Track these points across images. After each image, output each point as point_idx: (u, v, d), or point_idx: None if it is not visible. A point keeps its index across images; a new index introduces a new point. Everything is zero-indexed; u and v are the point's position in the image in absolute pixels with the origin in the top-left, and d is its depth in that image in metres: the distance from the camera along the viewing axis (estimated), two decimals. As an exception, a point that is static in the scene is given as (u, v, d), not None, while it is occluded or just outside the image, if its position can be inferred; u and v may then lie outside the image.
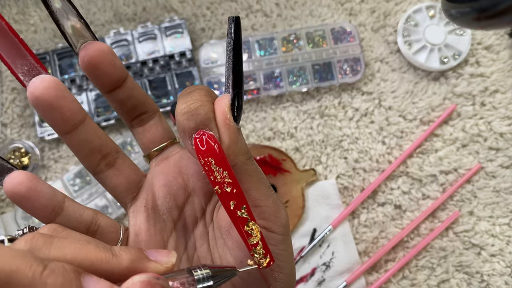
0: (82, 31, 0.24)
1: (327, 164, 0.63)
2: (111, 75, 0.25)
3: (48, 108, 0.23)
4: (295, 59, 0.64)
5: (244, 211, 0.23)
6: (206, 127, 0.23)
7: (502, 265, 0.61)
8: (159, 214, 0.28)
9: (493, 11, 0.33)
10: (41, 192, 0.23)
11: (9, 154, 0.61)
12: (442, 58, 0.64)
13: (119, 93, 0.26)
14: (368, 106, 0.64)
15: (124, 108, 0.27)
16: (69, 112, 0.24)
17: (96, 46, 0.24)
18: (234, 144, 0.23)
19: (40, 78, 0.23)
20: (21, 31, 0.65)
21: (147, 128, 0.28)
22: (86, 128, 0.25)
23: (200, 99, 0.23)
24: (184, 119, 0.23)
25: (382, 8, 0.66)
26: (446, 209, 0.62)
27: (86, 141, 0.25)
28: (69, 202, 0.25)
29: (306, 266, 0.61)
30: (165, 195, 0.28)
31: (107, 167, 0.27)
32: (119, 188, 0.27)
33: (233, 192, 0.23)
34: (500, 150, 0.63)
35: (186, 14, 0.65)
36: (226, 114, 0.23)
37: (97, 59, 0.24)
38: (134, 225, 0.27)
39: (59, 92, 0.23)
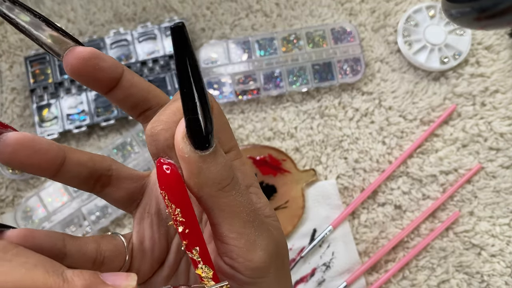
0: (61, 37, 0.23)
1: (327, 164, 0.63)
2: (99, 79, 0.24)
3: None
4: (295, 59, 0.64)
5: (196, 253, 0.21)
6: (166, 155, 0.21)
7: (503, 265, 0.61)
8: (162, 218, 0.27)
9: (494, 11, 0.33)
10: (40, 246, 0.22)
11: (9, 154, 0.61)
12: (442, 58, 0.64)
13: (115, 94, 0.25)
14: (368, 106, 0.64)
15: (125, 107, 0.26)
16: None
17: (75, 54, 0.23)
18: (194, 176, 0.20)
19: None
20: (21, 31, 0.65)
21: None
22: (68, 167, 0.23)
23: (167, 119, 0.21)
24: (148, 142, 0.21)
25: (382, 8, 0.66)
26: (446, 209, 0.62)
27: (74, 176, 0.24)
28: (70, 244, 0.23)
29: (306, 266, 0.61)
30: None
31: (102, 188, 0.26)
32: (121, 201, 0.27)
33: (185, 232, 0.21)
34: (501, 150, 0.63)
35: (186, 14, 0.65)
36: (179, 144, 0.20)
37: (78, 67, 0.23)
38: (138, 232, 0.27)
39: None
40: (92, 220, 0.60)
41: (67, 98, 0.62)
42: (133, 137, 0.61)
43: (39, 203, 0.60)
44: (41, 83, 0.62)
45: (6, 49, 0.64)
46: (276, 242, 0.24)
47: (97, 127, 0.63)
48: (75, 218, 0.60)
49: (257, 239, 0.23)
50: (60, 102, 0.62)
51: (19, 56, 0.64)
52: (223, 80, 0.63)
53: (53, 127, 0.62)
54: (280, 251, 0.24)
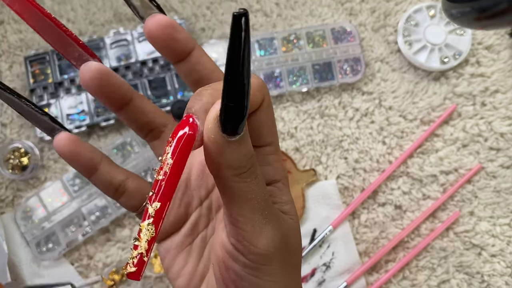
0: (148, 3, 0.25)
1: (327, 164, 0.63)
2: (171, 48, 0.26)
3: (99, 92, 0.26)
4: (295, 59, 0.64)
5: (153, 208, 0.20)
6: (198, 116, 0.21)
7: (503, 265, 0.61)
8: (189, 188, 0.29)
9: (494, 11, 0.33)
10: (80, 155, 0.26)
11: (9, 154, 0.61)
12: (443, 58, 0.64)
13: (183, 66, 0.27)
14: (368, 106, 0.64)
15: (189, 80, 0.27)
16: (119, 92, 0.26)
17: (156, 20, 0.25)
18: (215, 156, 0.21)
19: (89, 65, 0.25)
20: (21, 31, 0.65)
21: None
22: (132, 108, 0.27)
23: (215, 87, 0.22)
24: (193, 95, 0.22)
25: (383, 8, 0.66)
26: (447, 209, 0.62)
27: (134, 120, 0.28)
28: (104, 165, 0.27)
29: (306, 266, 0.61)
30: (199, 172, 0.29)
31: (153, 139, 0.29)
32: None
33: (161, 184, 0.20)
34: (501, 150, 0.63)
35: (186, 14, 0.65)
36: (209, 123, 0.20)
37: (156, 32, 0.25)
38: None
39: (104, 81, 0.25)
40: (92, 220, 0.60)
41: (67, 98, 0.62)
42: (133, 137, 0.61)
43: (39, 203, 0.60)
44: (41, 83, 0.62)
45: (6, 49, 0.64)
46: (285, 236, 0.24)
47: (97, 127, 0.63)
48: (75, 218, 0.60)
49: (264, 228, 0.23)
50: (60, 102, 0.62)
51: (19, 56, 0.64)
52: (223, 80, 0.63)
53: (53, 127, 0.61)
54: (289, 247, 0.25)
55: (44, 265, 0.60)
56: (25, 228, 0.59)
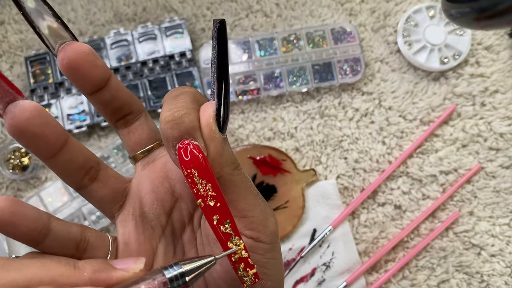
0: (59, 31, 0.23)
1: (327, 164, 0.63)
2: (93, 77, 0.24)
3: (32, 137, 0.22)
4: (295, 59, 0.64)
5: (228, 226, 0.22)
6: (191, 136, 0.22)
7: (502, 265, 0.61)
8: (147, 221, 0.27)
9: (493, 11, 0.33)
10: (25, 215, 0.21)
11: (9, 154, 0.61)
12: (442, 58, 0.64)
13: (102, 95, 0.25)
14: (368, 106, 0.64)
15: (108, 110, 0.26)
16: (54, 137, 0.23)
17: (75, 48, 0.22)
18: (219, 156, 0.22)
19: (20, 106, 0.21)
20: (21, 31, 0.65)
21: (132, 130, 0.27)
22: (70, 148, 0.24)
23: (185, 106, 0.22)
24: (167, 127, 0.22)
25: (382, 8, 0.66)
26: (446, 209, 0.62)
27: (71, 160, 0.24)
28: (56, 221, 0.23)
29: (306, 266, 0.61)
30: (152, 201, 0.27)
31: (90, 181, 0.26)
32: (105, 199, 0.26)
33: (217, 206, 0.22)
34: (500, 150, 0.63)
35: (186, 14, 0.65)
36: (211, 126, 0.22)
37: (77, 61, 0.23)
38: (123, 234, 0.27)
39: (43, 120, 0.22)
40: (92, 220, 0.60)
41: (68, 98, 0.62)
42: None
43: (39, 203, 0.60)
44: (41, 83, 0.62)
45: (6, 49, 0.64)
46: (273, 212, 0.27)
47: (97, 127, 0.63)
48: (75, 218, 0.60)
49: (266, 209, 0.25)
50: (60, 102, 0.62)
51: (20, 56, 0.64)
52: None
53: (54, 127, 0.62)
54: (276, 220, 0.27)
55: (44, 265, 0.60)
56: (25, 228, 0.60)
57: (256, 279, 0.23)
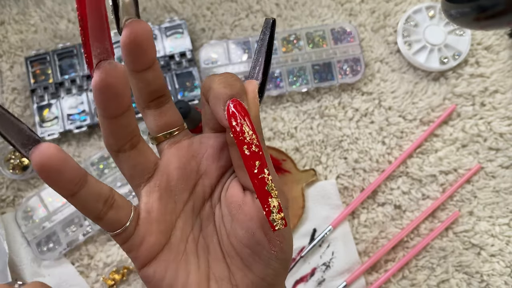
0: (129, 6, 0.24)
1: (327, 164, 0.63)
2: (148, 56, 0.25)
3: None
4: (295, 60, 0.64)
5: (267, 173, 0.25)
6: (240, 97, 0.25)
7: (502, 265, 0.61)
8: (171, 195, 0.29)
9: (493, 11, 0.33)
10: (69, 164, 0.23)
11: (10, 154, 0.61)
12: (442, 58, 0.64)
13: (148, 74, 0.26)
14: (368, 106, 0.64)
15: (148, 90, 0.28)
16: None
17: (142, 25, 0.24)
18: (256, 118, 0.26)
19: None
20: (21, 31, 0.65)
21: (164, 111, 0.29)
22: (131, 115, 0.26)
23: (235, 77, 0.26)
24: (222, 87, 0.25)
25: (382, 9, 0.66)
26: (446, 209, 0.62)
27: (128, 126, 0.26)
28: (90, 176, 0.25)
29: (306, 266, 0.61)
30: (178, 177, 0.29)
31: (130, 148, 0.27)
32: (138, 168, 0.28)
33: (259, 154, 0.25)
34: (500, 150, 0.63)
35: (186, 14, 0.65)
36: (256, 94, 0.27)
37: (141, 38, 0.24)
38: (146, 203, 0.28)
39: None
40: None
41: (68, 98, 0.62)
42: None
43: (39, 203, 0.60)
44: (41, 83, 0.62)
45: (6, 50, 0.64)
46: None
47: (97, 127, 0.63)
48: (76, 218, 0.60)
49: (278, 180, 0.28)
50: (60, 102, 0.62)
51: (20, 57, 0.64)
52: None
53: (54, 127, 0.62)
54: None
55: (44, 265, 0.60)
56: (26, 228, 0.60)
57: (286, 224, 0.25)
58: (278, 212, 0.25)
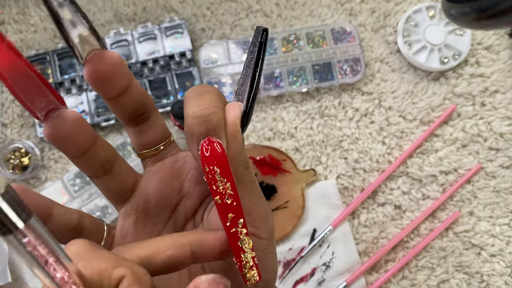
0: (89, 38, 0.22)
1: (327, 164, 0.63)
2: (118, 86, 0.24)
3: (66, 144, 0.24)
4: (295, 59, 0.64)
5: (240, 225, 0.23)
6: (216, 135, 0.22)
7: (502, 265, 0.61)
8: (149, 217, 0.28)
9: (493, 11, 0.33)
10: (32, 203, 0.23)
11: (9, 154, 0.61)
12: (442, 58, 0.64)
13: (122, 99, 0.25)
14: (368, 106, 0.64)
15: (124, 112, 0.26)
16: (85, 142, 0.24)
17: (107, 59, 0.22)
18: (237, 155, 0.23)
19: (62, 116, 0.23)
20: (21, 31, 0.65)
21: (144, 129, 0.27)
22: (96, 147, 0.25)
23: (213, 104, 0.22)
24: (194, 123, 0.22)
25: (382, 8, 0.66)
26: (446, 209, 0.62)
27: (94, 158, 0.25)
28: (57, 208, 0.25)
29: (306, 266, 0.61)
30: (158, 199, 0.28)
31: (103, 174, 0.26)
32: (113, 192, 0.27)
33: (233, 205, 0.23)
34: (500, 151, 0.63)
35: (186, 14, 0.65)
36: (237, 126, 0.22)
37: (105, 72, 0.23)
38: (122, 227, 0.27)
39: (80, 129, 0.24)
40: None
41: (68, 98, 0.62)
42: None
43: (39, 203, 0.60)
44: (41, 83, 0.62)
45: (6, 49, 0.64)
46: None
47: (97, 127, 0.63)
48: (76, 218, 0.60)
49: (267, 206, 0.26)
50: (60, 102, 0.62)
51: (20, 56, 0.64)
52: (223, 80, 0.63)
53: (54, 127, 0.62)
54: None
55: (44, 265, 0.60)
56: (25, 228, 0.60)
57: (259, 278, 0.24)
58: (250, 269, 0.23)
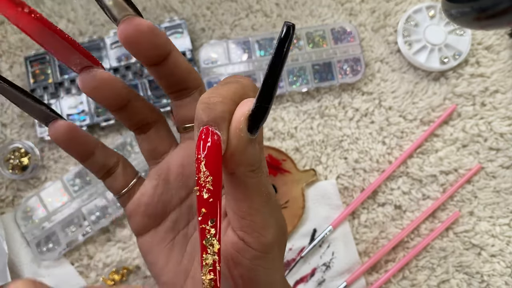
0: (123, 4, 0.23)
1: (327, 164, 0.63)
2: (149, 55, 0.25)
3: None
4: (295, 59, 0.64)
5: (211, 224, 0.21)
6: (217, 126, 0.21)
7: (502, 265, 0.61)
8: (168, 188, 0.29)
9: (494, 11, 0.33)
10: (78, 139, 0.27)
11: (9, 154, 0.61)
12: (442, 58, 0.64)
13: (158, 69, 0.26)
14: (368, 106, 0.64)
15: (162, 83, 0.27)
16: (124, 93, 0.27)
17: (135, 24, 0.23)
18: (239, 153, 0.22)
19: (91, 74, 0.25)
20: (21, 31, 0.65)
21: (182, 105, 0.28)
22: (129, 107, 0.28)
23: (225, 95, 0.22)
24: (200, 108, 0.22)
25: (382, 8, 0.66)
26: (446, 209, 0.62)
27: (131, 116, 0.28)
28: (99, 150, 0.29)
29: (306, 266, 0.61)
30: (178, 174, 0.29)
31: (139, 133, 0.29)
32: (146, 152, 0.30)
33: (209, 201, 0.21)
34: (501, 151, 0.63)
35: (186, 14, 0.65)
36: (240, 124, 0.21)
37: (134, 38, 0.23)
38: (144, 186, 0.30)
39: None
40: (92, 220, 0.60)
41: (67, 98, 0.62)
42: (133, 137, 0.61)
43: (39, 203, 0.60)
44: (41, 83, 0.62)
45: (6, 49, 0.64)
46: (282, 224, 0.27)
47: (97, 127, 0.63)
48: (75, 218, 0.60)
49: (270, 218, 0.25)
50: (60, 102, 0.62)
51: (19, 56, 0.64)
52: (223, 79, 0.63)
53: (53, 127, 0.61)
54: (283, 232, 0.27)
55: (44, 265, 0.60)
56: (25, 228, 0.60)
57: (215, 285, 0.22)
58: (208, 272, 0.21)
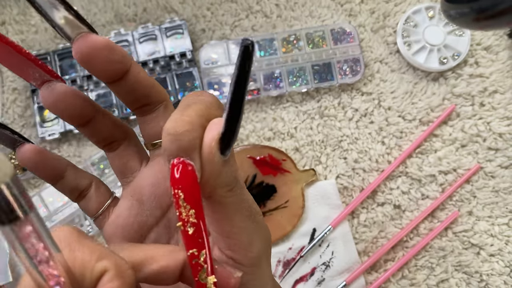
0: (76, 21, 0.22)
1: (327, 164, 0.63)
2: (106, 71, 0.24)
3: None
4: (295, 60, 0.64)
5: (202, 258, 0.21)
6: (188, 156, 0.20)
7: (501, 264, 0.61)
8: (142, 209, 0.28)
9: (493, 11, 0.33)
10: (46, 161, 0.27)
11: (10, 154, 0.61)
12: (442, 58, 0.64)
13: (118, 86, 0.25)
14: (367, 106, 0.64)
15: (125, 100, 0.26)
16: (89, 111, 0.26)
17: (88, 41, 0.22)
18: (213, 178, 0.21)
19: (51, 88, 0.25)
20: (22, 31, 0.65)
21: (147, 120, 0.27)
22: (99, 123, 0.27)
23: (191, 120, 0.20)
24: (166, 140, 0.20)
25: (382, 9, 0.66)
26: (445, 209, 0.63)
27: (96, 133, 0.28)
28: (70, 172, 0.28)
29: (305, 265, 0.61)
30: (150, 194, 0.28)
31: (108, 150, 0.28)
32: (116, 170, 0.29)
33: (194, 235, 0.20)
34: (499, 151, 0.63)
35: (187, 15, 0.65)
36: (212, 149, 0.20)
37: (89, 55, 0.22)
38: (119, 207, 0.28)
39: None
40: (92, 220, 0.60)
41: (68, 98, 0.62)
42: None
43: (40, 203, 0.60)
44: (42, 84, 0.62)
45: (7, 50, 0.64)
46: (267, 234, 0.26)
47: (97, 127, 0.63)
48: (76, 217, 0.60)
49: (255, 233, 0.25)
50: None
51: (20, 57, 0.64)
52: (224, 80, 0.64)
53: (54, 127, 0.62)
54: (269, 242, 0.27)
55: (45, 265, 0.60)
56: (26, 228, 0.60)
57: None
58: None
